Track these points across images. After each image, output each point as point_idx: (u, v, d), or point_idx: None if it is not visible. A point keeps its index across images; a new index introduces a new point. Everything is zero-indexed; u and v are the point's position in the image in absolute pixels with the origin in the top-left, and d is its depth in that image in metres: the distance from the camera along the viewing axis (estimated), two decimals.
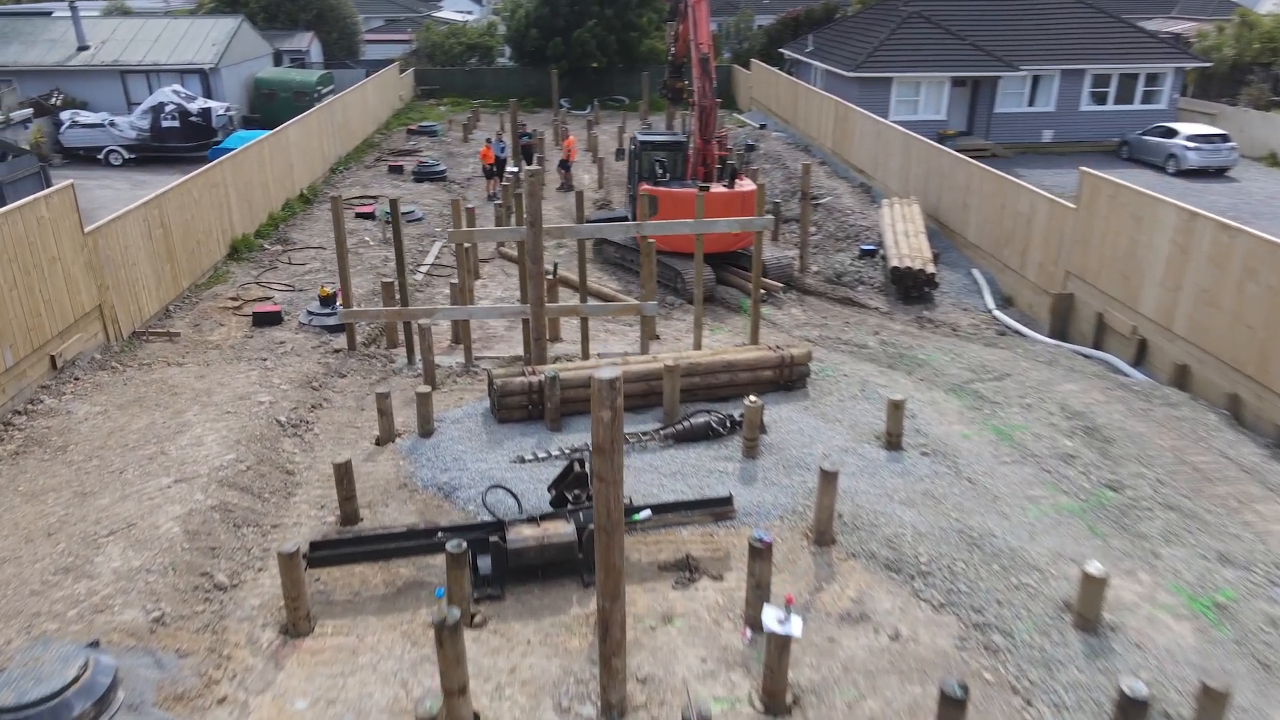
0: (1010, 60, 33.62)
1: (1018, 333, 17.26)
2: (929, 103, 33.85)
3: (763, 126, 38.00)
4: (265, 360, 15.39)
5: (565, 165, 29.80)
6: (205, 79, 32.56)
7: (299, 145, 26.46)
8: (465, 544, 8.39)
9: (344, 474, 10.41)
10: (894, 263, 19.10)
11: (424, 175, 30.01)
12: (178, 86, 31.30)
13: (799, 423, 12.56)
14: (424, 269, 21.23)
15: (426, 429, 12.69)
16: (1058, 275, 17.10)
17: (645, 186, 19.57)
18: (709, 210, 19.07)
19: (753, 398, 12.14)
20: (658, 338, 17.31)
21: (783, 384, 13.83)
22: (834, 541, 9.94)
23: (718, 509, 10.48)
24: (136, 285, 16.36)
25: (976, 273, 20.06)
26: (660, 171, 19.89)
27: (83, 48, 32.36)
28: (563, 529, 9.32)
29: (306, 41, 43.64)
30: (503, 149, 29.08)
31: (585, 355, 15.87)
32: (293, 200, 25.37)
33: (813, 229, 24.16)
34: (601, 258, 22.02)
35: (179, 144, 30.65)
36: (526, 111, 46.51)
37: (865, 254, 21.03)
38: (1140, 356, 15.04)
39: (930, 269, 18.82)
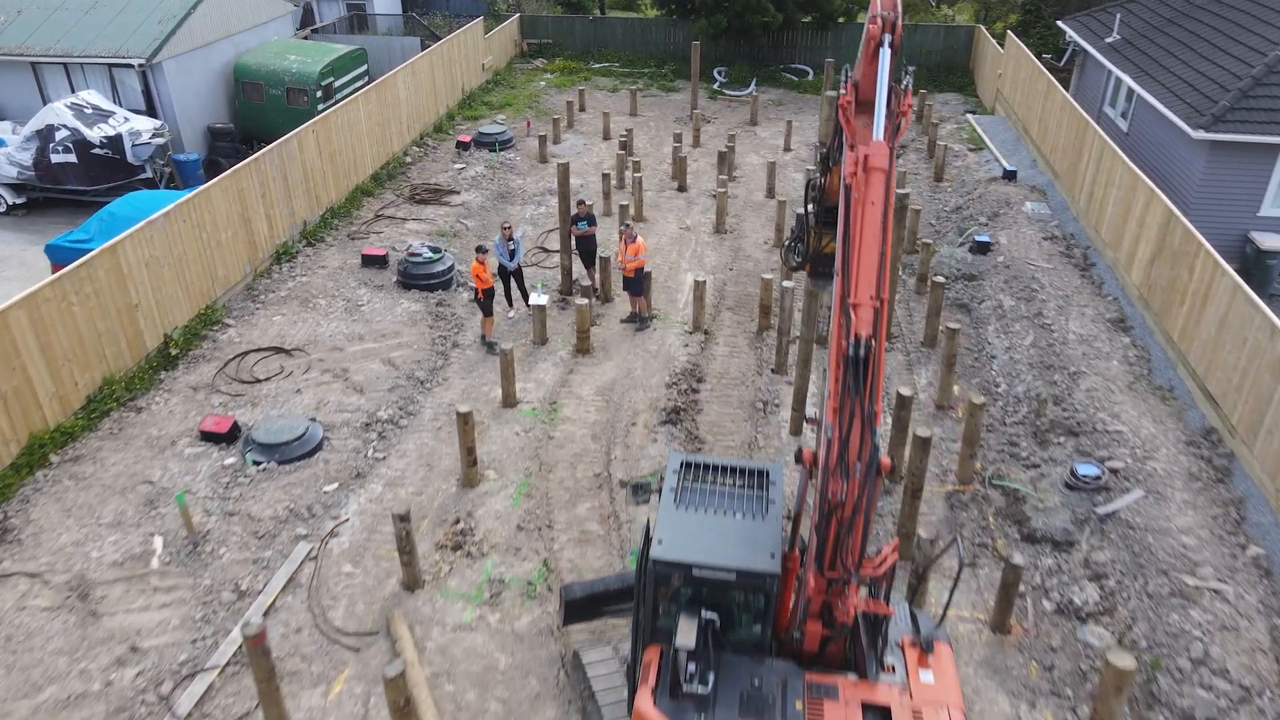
0: None
1: None
2: None
3: (1009, 175, 22.99)
4: None
5: (633, 284, 17.12)
6: (144, 77, 21.76)
7: (164, 259, 15.34)
8: None
9: None
10: None
11: (413, 278, 18.20)
12: (83, 97, 20.74)
13: None
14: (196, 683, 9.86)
15: None
16: None
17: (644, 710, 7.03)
18: None
19: None
20: None
21: None
22: None
23: None
24: None
25: None
26: (687, 671, 7.15)
27: None
28: None
29: None
30: (514, 254, 16.85)
31: None
32: (120, 380, 14.42)
33: (1096, 604, 10.67)
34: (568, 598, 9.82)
35: (78, 185, 20.35)
36: (663, 87, 33.08)
37: None
38: None
39: None
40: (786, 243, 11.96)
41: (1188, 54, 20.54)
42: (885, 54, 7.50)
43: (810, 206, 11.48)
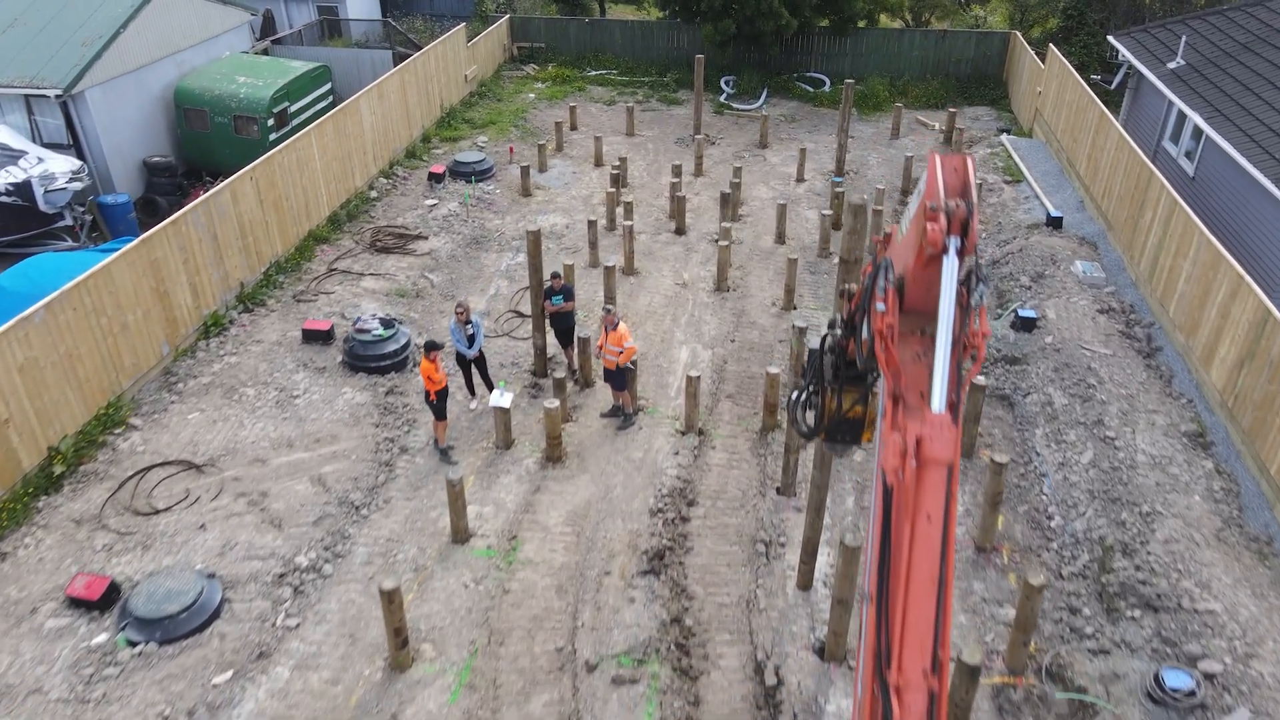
0: None
1: None
2: None
3: (1054, 222, 20.09)
4: None
5: (615, 377, 14.47)
6: (65, 108, 19.07)
7: (45, 360, 12.76)
8: None
9: None
10: None
11: (360, 359, 15.61)
12: None
13: None
14: None
15: None
16: None
17: None
18: None
19: None
20: None
21: None
22: None
23: None
24: None
25: None
26: None
27: None
28: None
29: None
30: (473, 339, 14.32)
31: None
32: None
33: None
34: None
35: None
36: (665, 99, 30.23)
37: None
38: None
39: None
40: (794, 395, 9.22)
41: (1269, 91, 17.58)
42: (950, 266, 4.81)
43: (826, 350, 8.73)
